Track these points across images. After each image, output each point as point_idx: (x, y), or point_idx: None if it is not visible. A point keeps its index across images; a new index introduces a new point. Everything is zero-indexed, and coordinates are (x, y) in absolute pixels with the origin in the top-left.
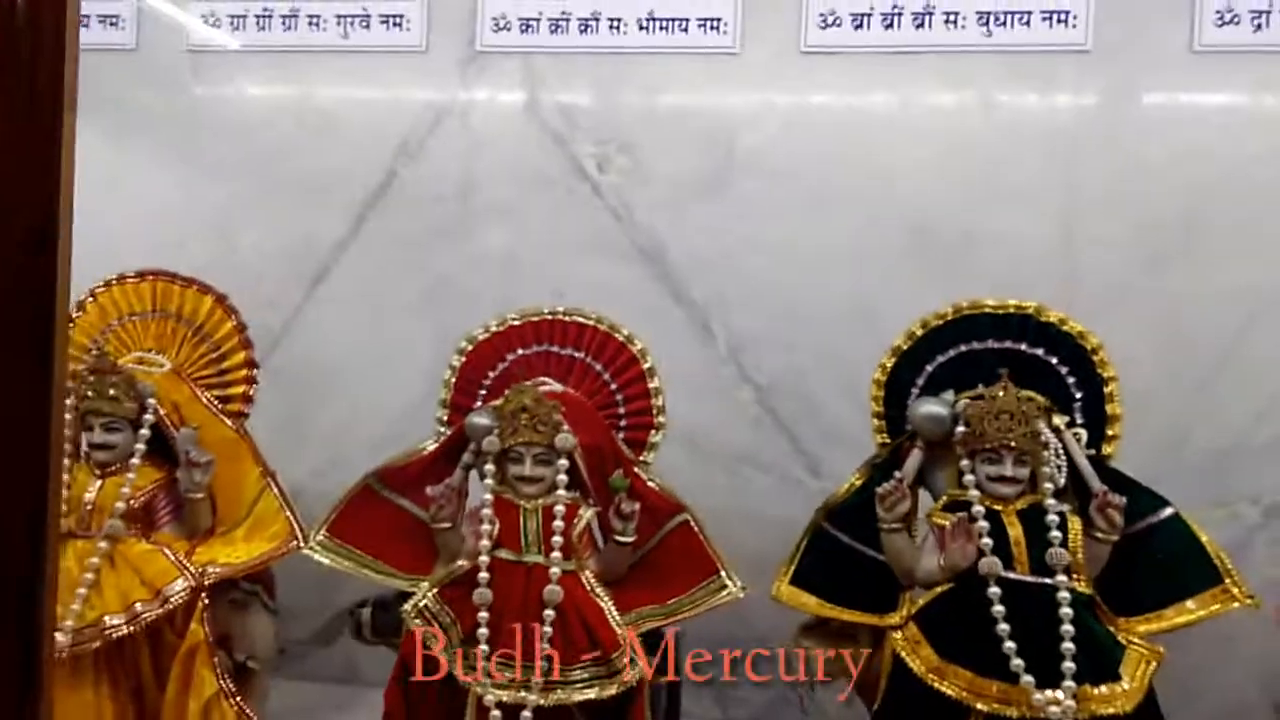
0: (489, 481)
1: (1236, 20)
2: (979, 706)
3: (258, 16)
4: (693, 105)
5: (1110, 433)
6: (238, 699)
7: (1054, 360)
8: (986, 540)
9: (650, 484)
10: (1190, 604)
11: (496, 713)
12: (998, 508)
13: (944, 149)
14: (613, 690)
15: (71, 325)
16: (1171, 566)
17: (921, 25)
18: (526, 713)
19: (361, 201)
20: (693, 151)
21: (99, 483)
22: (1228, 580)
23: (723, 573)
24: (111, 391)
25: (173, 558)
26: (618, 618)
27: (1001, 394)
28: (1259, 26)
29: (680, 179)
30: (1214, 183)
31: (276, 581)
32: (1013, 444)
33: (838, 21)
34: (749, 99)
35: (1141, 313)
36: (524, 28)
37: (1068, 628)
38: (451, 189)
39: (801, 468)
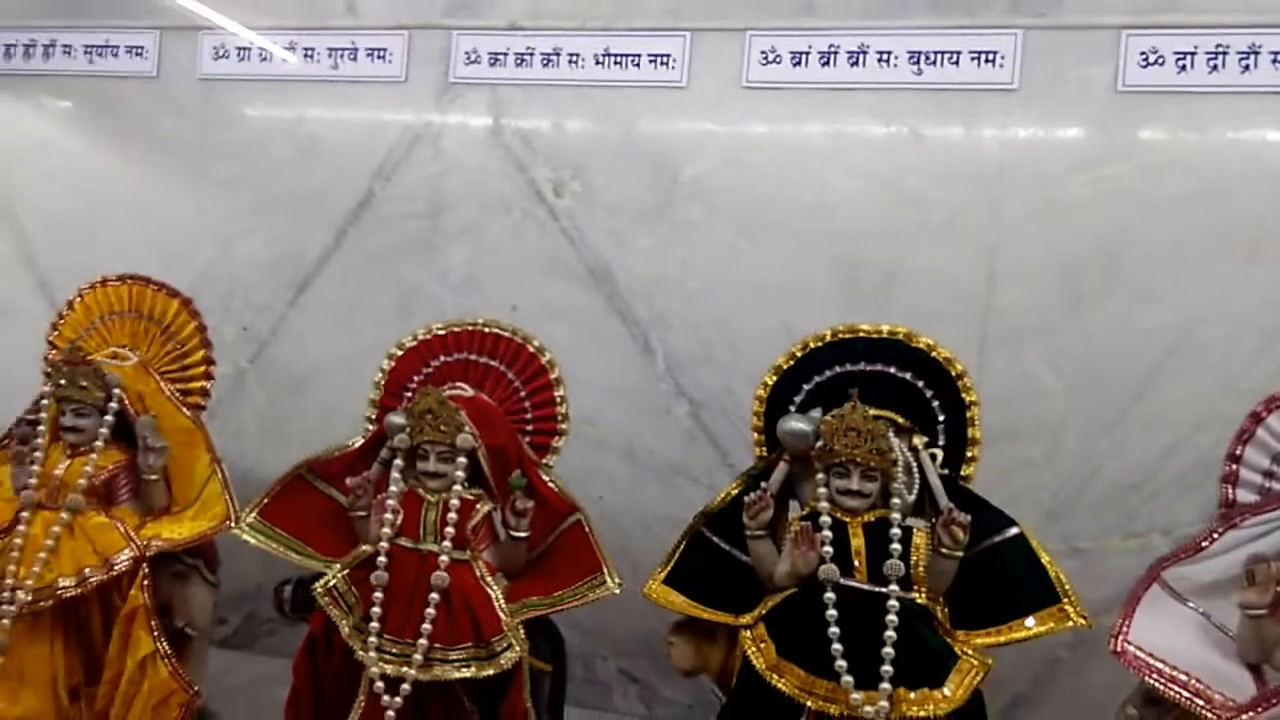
0: (396, 475)
1: (1161, 61)
2: (809, 704)
3: (260, 49)
4: (642, 135)
5: (969, 454)
6: (172, 659)
7: (921, 384)
8: (828, 549)
9: (550, 485)
10: (1029, 621)
11: (380, 684)
12: (846, 519)
13: (875, 182)
14: (489, 671)
15: (61, 322)
16: (1013, 584)
17: (856, 63)
18: (406, 685)
19: (342, 218)
20: (641, 179)
21: (67, 461)
22: (1065, 600)
23: (605, 570)
24: (82, 381)
25: (123, 530)
26: (504, 605)
27: (850, 412)
28: (1183, 68)
29: (628, 205)
30: (1134, 222)
31: (220, 557)
32: (859, 459)
33: (778, 59)
34: (693, 130)
35: (1059, 347)
36: (493, 61)
37: (891, 634)
38: (422, 208)
39: (730, 479)
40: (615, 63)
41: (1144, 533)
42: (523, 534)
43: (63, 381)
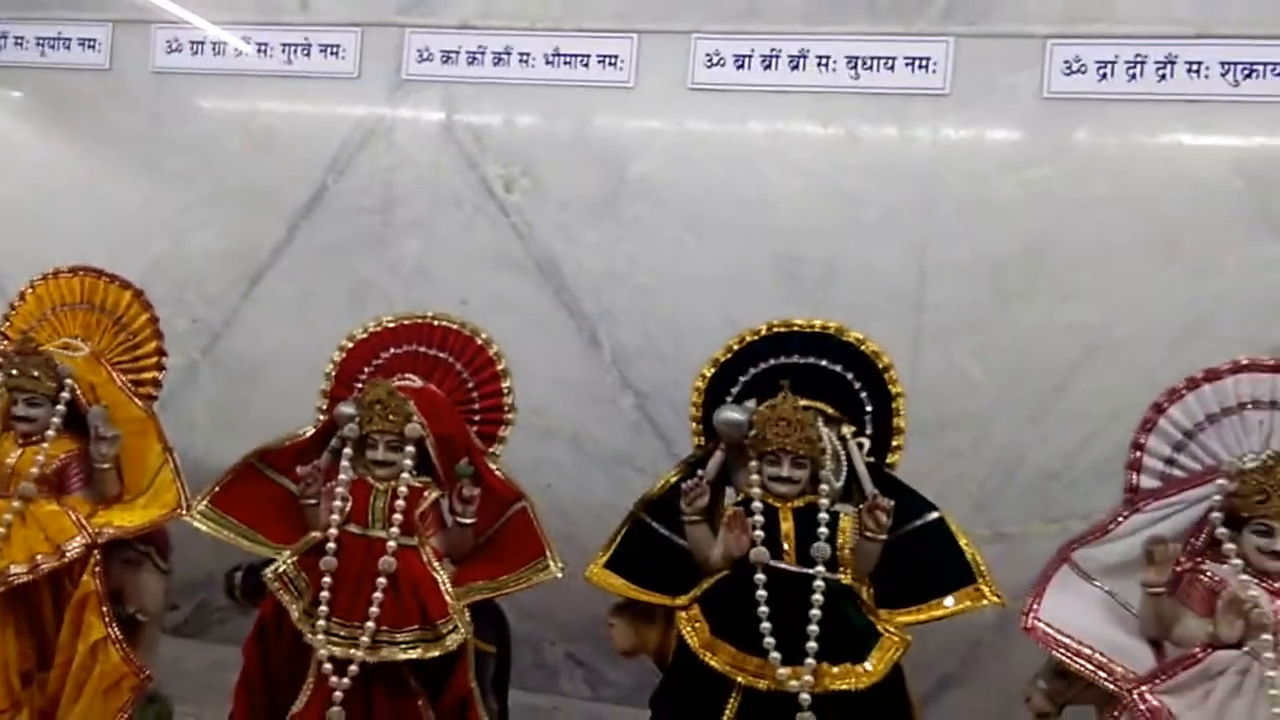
0: (345, 464)
1: (1083, 70)
2: (739, 679)
3: (214, 43)
4: (591, 134)
5: (895, 443)
6: (123, 644)
7: (850, 376)
8: (759, 533)
9: (496, 473)
10: (948, 600)
11: (328, 665)
12: (777, 505)
13: (813, 181)
14: (435, 653)
15: (13, 313)
16: (933, 565)
17: (797, 67)
18: (353, 667)
19: (295, 211)
20: (589, 176)
21: (19, 450)
22: (980, 580)
23: (548, 555)
24: (34, 371)
25: (74, 518)
26: (450, 590)
27: (781, 403)
28: (1104, 76)
29: (577, 201)
30: (1058, 222)
31: (173, 546)
32: (789, 448)
33: (722, 62)
34: (641, 129)
35: (986, 341)
36: (445, 58)
37: (816, 613)
38: (375, 202)
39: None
40: (565, 62)
41: (1063, 518)
42: (469, 520)
43: (14, 372)
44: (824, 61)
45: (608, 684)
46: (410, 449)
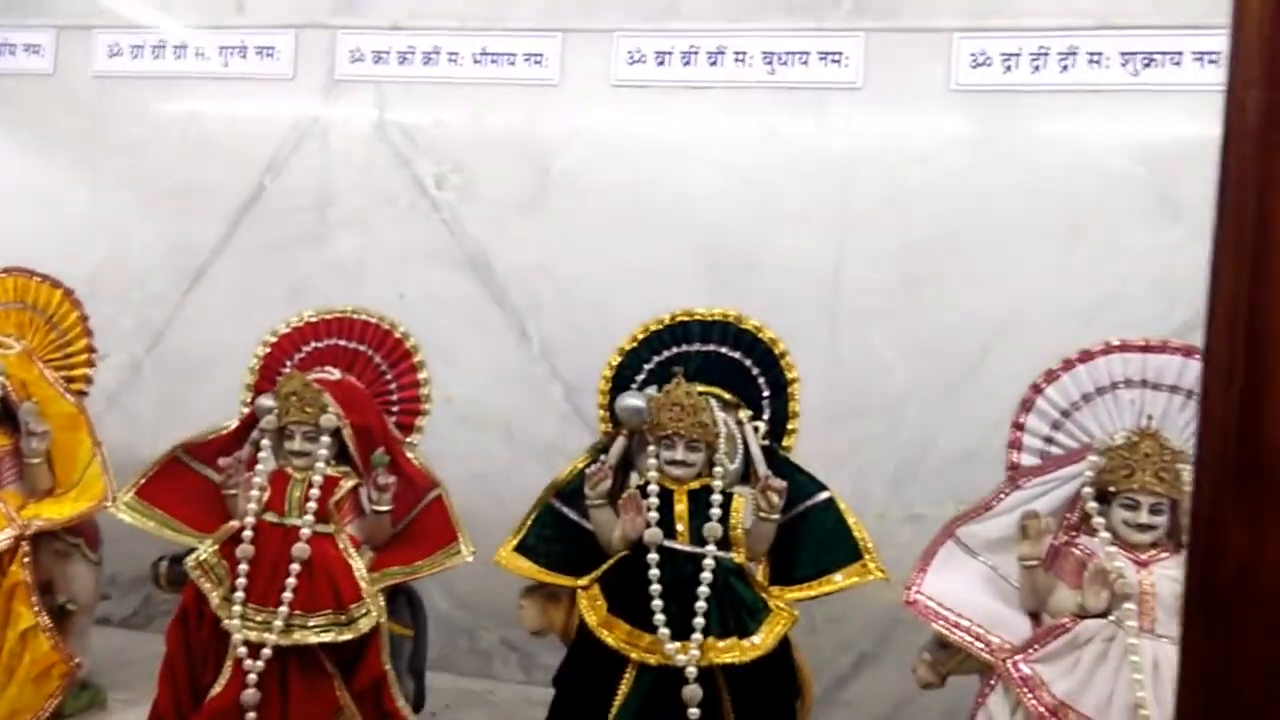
0: (264, 454)
1: (989, 62)
2: (633, 656)
3: (154, 47)
4: (517, 131)
5: (790, 427)
6: (53, 632)
7: (748, 362)
8: (653, 514)
9: (413, 461)
10: (837, 576)
11: (243, 649)
12: (673, 487)
13: (733, 174)
14: (348, 636)
15: None
16: (823, 543)
17: (715, 63)
18: (267, 650)
19: (234, 210)
20: (516, 172)
21: None
22: (866, 557)
23: (460, 540)
24: None
25: (4, 510)
26: (364, 574)
27: (675, 389)
28: (1009, 68)
29: (504, 197)
30: (966, 210)
31: (121, 541)
32: (682, 432)
33: (643, 59)
34: (565, 125)
35: (899, 327)
36: (376, 59)
37: (705, 590)
38: (310, 201)
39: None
40: (492, 61)
41: (975, 498)
42: (385, 508)
43: None
44: (741, 57)
45: (539, 667)
46: (326, 439)
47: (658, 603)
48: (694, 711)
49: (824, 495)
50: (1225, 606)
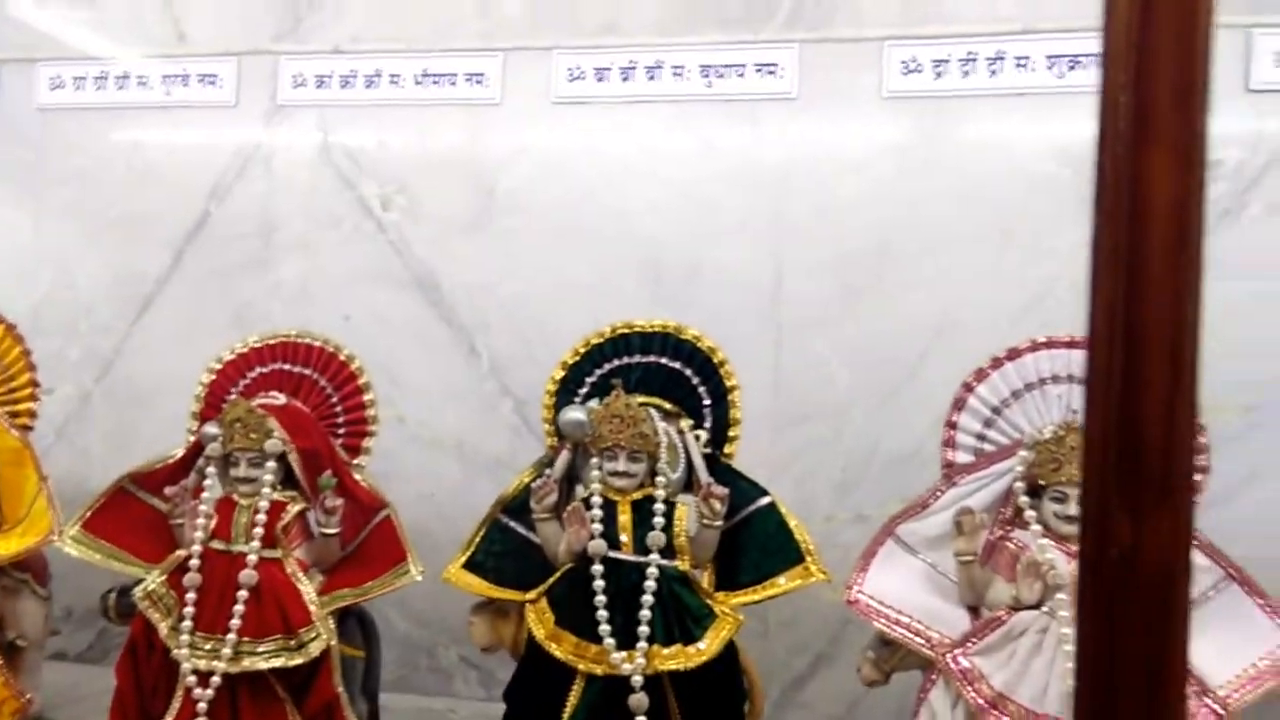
0: (209, 482)
1: (919, 69)
2: (580, 667)
3: (96, 78)
4: (461, 150)
5: (731, 434)
6: (4, 669)
7: (688, 372)
8: (597, 526)
9: (361, 483)
10: (780, 579)
11: (192, 678)
12: (616, 498)
13: (673, 189)
14: (298, 660)
15: None
16: (766, 547)
17: (653, 78)
18: (216, 678)
19: (180, 238)
20: (461, 191)
21: None
22: (809, 559)
23: (409, 560)
24: None
25: None
26: (314, 598)
27: (614, 401)
28: (939, 74)
29: (450, 216)
30: (899, 218)
31: (70, 575)
32: (623, 443)
33: (582, 75)
34: (508, 144)
35: (839, 335)
36: (318, 84)
37: (649, 598)
38: (255, 226)
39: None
40: (434, 82)
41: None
42: (333, 531)
43: None
44: (679, 71)
45: (500, 684)
46: (271, 464)
47: (603, 613)
48: (641, 719)
49: (765, 500)
50: (1109, 592)
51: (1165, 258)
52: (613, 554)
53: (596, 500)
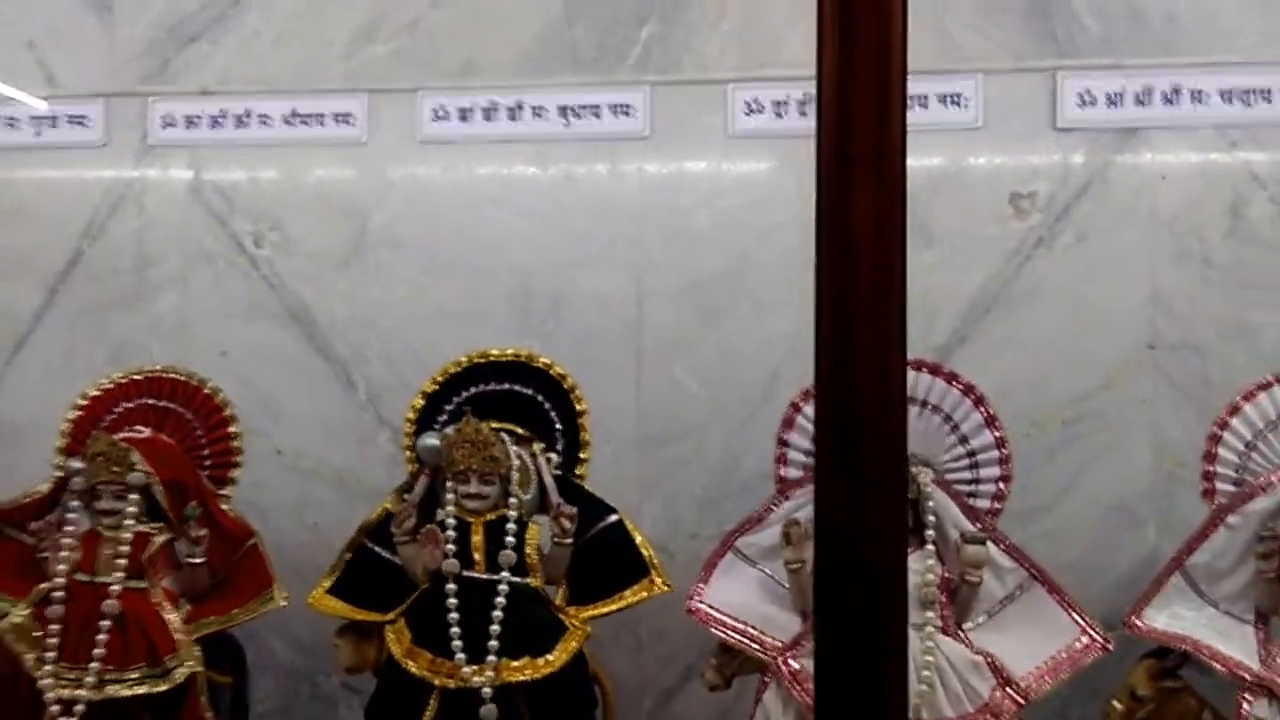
0: (72, 515)
1: (761, 109)
2: (436, 682)
3: None
4: (331, 187)
5: (582, 455)
6: None
7: (540, 397)
8: (451, 546)
9: (228, 513)
10: (626, 593)
11: (56, 708)
12: (470, 519)
13: (538, 221)
14: (163, 687)
15: None
16: (614, 562)
17: (515, 118)
18: (80, 706)
19: (54, 276)
20: (333, 227)
21: None
22: (653, 572)
23: (274, 586)
24: None
25: None
26: (179, 626)
27: (465, 427)
28: (779, 115)
29: (324, 252)
30: (750, 246)
31: None
32: (474, 467)
33: (446, 115)
34: (377, 182)
35: (698, 358)
36: (188, 124)
37: (499, 614)
38: (129, 263)
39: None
40: (303, 122)
41: None
42: (199, 560)
43: None
44: (538, 111)
45: None
46: (135, 496)
47: (456, 630)
48: None
49: (613, 518)
50: (837, 586)
51: (870, 275)
52: (466, 573)
53: (450, 522)
